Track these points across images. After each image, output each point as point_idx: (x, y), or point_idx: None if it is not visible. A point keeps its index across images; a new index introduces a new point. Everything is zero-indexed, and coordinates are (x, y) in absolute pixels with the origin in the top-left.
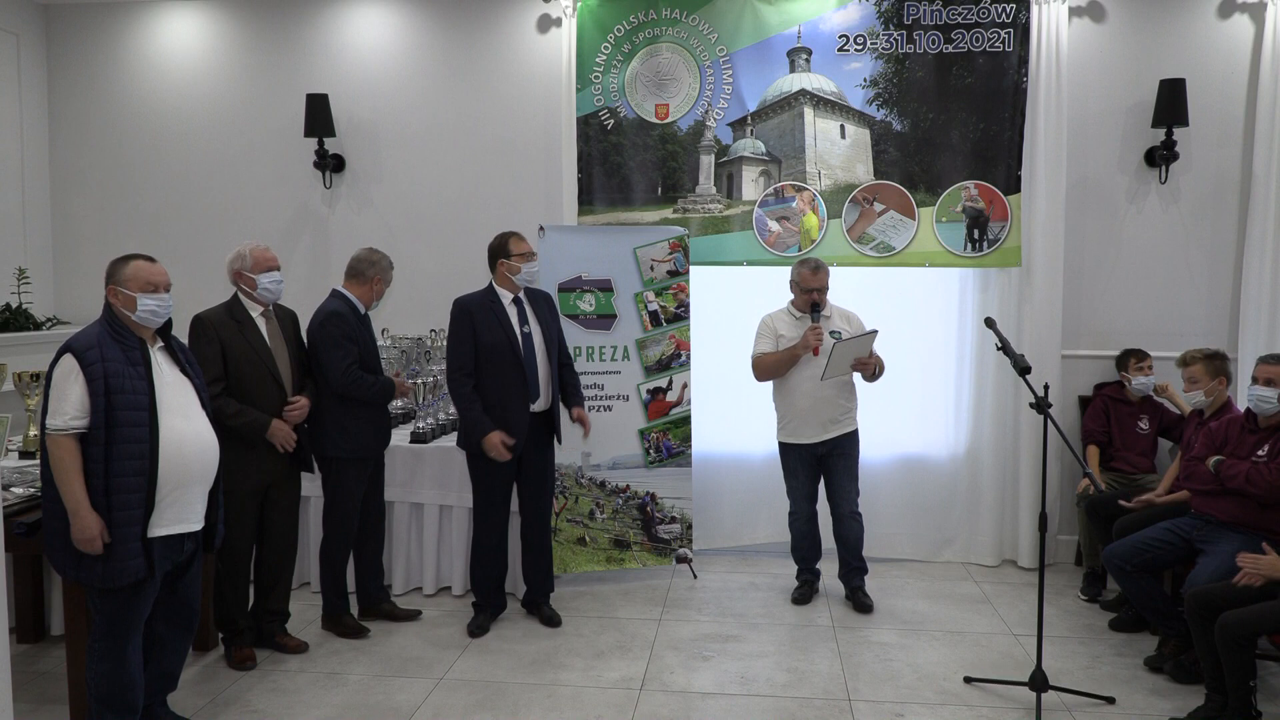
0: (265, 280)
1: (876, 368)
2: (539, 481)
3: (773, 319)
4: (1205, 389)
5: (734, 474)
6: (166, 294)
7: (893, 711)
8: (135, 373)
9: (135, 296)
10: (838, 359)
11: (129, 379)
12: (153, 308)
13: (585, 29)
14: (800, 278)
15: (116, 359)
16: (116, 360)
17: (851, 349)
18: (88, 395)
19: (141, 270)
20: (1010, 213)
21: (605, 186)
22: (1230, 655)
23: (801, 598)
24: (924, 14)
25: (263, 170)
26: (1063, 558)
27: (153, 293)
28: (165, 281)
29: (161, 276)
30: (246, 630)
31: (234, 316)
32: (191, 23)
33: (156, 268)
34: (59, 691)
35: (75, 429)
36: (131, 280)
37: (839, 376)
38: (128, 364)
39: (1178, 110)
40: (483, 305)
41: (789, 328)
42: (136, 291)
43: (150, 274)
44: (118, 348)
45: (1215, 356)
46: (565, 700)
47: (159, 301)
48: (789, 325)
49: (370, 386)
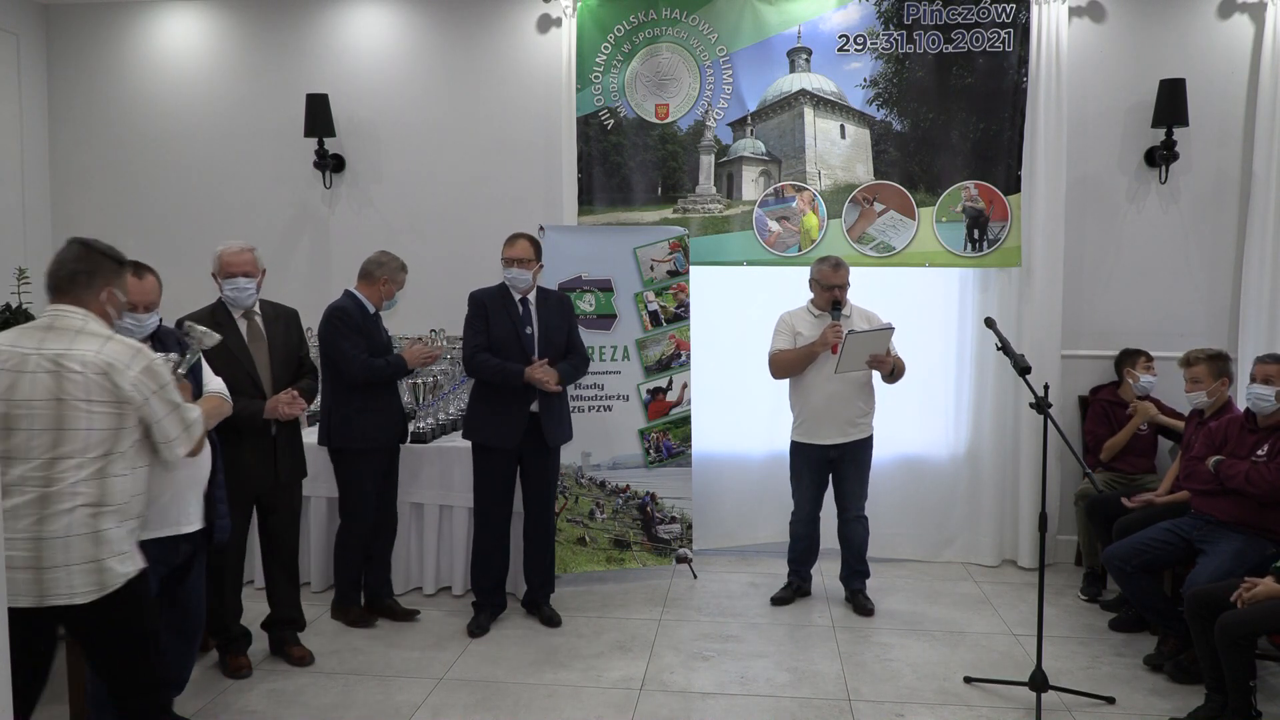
0: (228, 288)
1: (895, 368)
2: (541, 480)
3: (791, 316)
4: (1208, 389)
5: (734, 474)
6: (146, 314)
7: (893, 711)
8: None
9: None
10: (851, 352)
11: None
12: (128, 327)
13: (585, 29)
14: (820, 275)
15: None
16: None
17: (866, 343)
18: None
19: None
20: (1010, 213)
21: (605, 186)
22: (1230, 655)
23: (782, 599)
24: (924, 14)
25: (263, 170)
26: (1063, 558)
27: (131, 312)
28: (148, 300)
29: (144, 295)
30: (241, 638)
31: (216, 319)
32: (191, 23)
33: (145, 284)
34: (59, 691)
35: None
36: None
37: (853, 371)
38: None
39: (1178, 110)
40: (495, 300)
41: (808, 326)
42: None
43: (134, 293)
44: None
45: (1218, 357)
46: (565, 700)
47: (135, 321)
48: (808, 324)
49: (383, 369)
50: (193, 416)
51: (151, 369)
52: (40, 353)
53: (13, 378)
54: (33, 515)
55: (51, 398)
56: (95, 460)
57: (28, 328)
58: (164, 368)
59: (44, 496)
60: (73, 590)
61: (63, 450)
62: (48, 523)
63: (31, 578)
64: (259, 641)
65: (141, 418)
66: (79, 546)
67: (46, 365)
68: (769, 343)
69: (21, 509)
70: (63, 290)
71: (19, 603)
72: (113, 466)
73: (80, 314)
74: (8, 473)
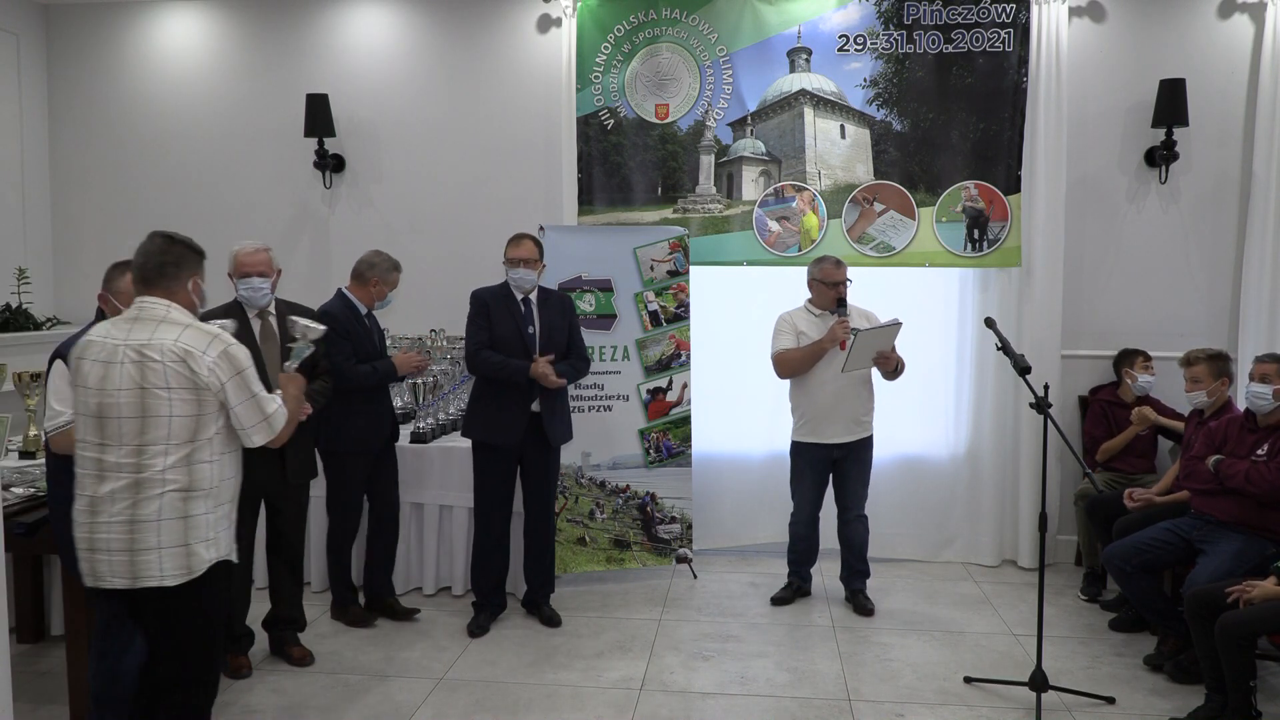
0: (243, 287)
1: (898, 364)
2: (541, 480)
3: (791, 316)
4: (1208, 389)
5: (734, 474)
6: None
7: (893, 711)
8: None
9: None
10: (859, 349)
11: None
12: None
13: (585, 29)
14: (823, 273)
15: None
16: None
17: (874, 339)
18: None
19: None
20: (1010, 213)
21: (605, 186)
22: (1230, 655)
23: (782, 599)
24: (924, 14)
25: (263, 170)
26: (1063, 558)
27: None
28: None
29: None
30: (242, 638)
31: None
32: (191, 23)
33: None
34: (59, 691)
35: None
36: (124, 294)
37: (860, 369)
38: None
39: (1178, 110)
40: (497, 298)
41: (809, 325)
42: (125, 305)
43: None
44: None
45: (1218, 357)
46: (565, 700)
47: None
48: (809, 323)
49: (368, 376)
50: (272, 407)
51: (229, 354)
52: (127, 343)
53: (104, 369)
54: (127, 500)
55: (135, 386)
56: (181, 446)
57: (119, 320)
58: (243, 354)
59: (136, 482)
60: (163, 573)
61: (148, 437)
62: (140, 507)
63: (126, 560)
64: (259, 641)
65: (221, 404)
66: (170, 530)
67: (132, 355)
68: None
69: (117, 494)
70: (152, 282)
71: (115, 584)
72: (199, 453)
73: (164, 304)
74: (104, 460)
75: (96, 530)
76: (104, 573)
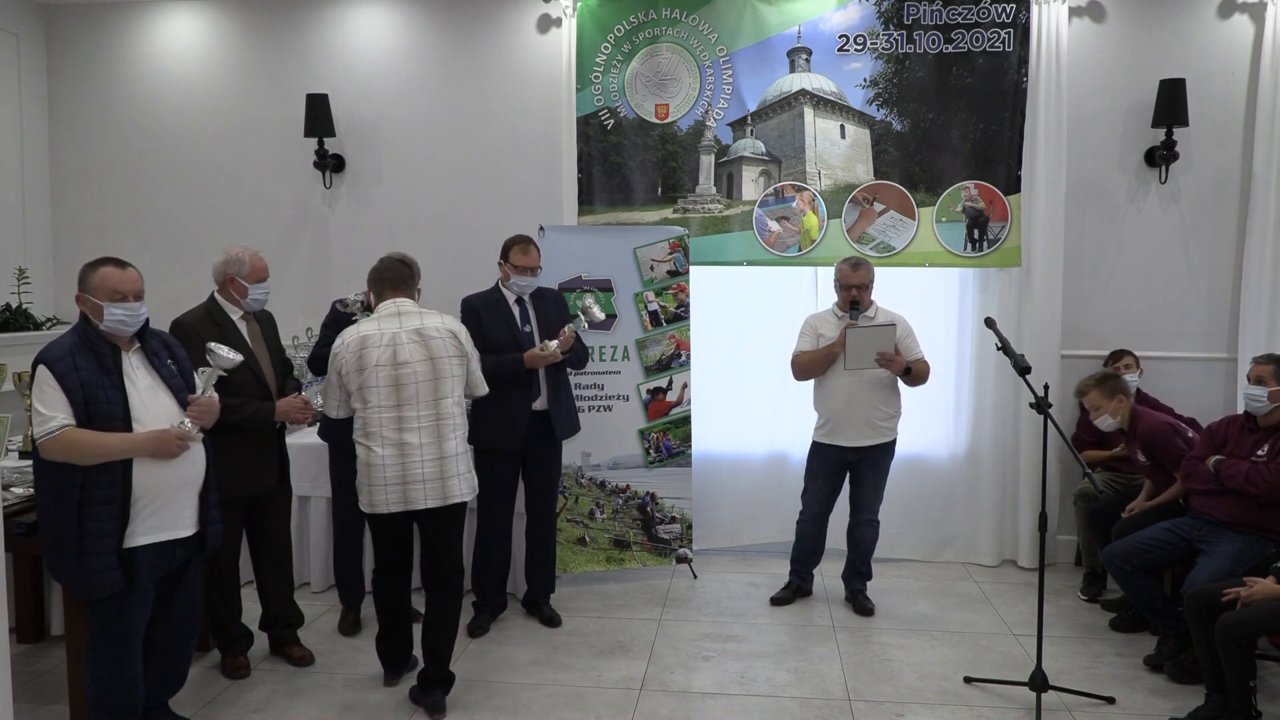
0: (257, 291)
1: (914, 370)
2: (543, 479)
3: (816, 319)
4: (1110, 411)
5: (734, 474)
6: (136, 302)
7: (893, 711)
8: (109, 381)
9: (102, 305)
10: (855, 348)
11: (102, 388)
12: (121, 317)
13: (585, 29)
14: (839, 275)
15: (90, 368)
16: (90, 369)
17: (868, 338)
18: (69, 403)
19: (109, 278)
20: (1010, 213)
21: (605, 186)
22: (1230, 655)
23: (782, 599)
24: (924, 14)
25: (263, 170)
26: (1063, 558)
27: (120, 301)
28: (135, 289)
29: (130, 284)
30: (241, 638)
31: (214, 319)
32: (191, 23)
33: (127, 274)
34: (59, 691)
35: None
36: (99, 289)
37: (863, 369)
38: (101, 373)
39: (1178, 110)
40: (488, 304)
41: (831, 328)
42: (104, 300)
43: (118, 281)
44: (91, 356)
45: (1106, 379)
46: (565, 700)
47: (127, 311)
48: (831, 325)
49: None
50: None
51: (467, 333)
52: (404, 330)
53: (393, 350)
54: (433, 441)
55: (426, 358)
56: (459, 397)
57: (382, 317)
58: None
59: (438, 427)
60: (463, 492)
61: (442, 392)
62: (444, 444)
63: (438, 486)
64: (259, 642)
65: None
66: (464, 460)
67: (414, 337)
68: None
69: (425, 438)
70: (398, 287)
71: (428, 504)
72: (461, 402)
73: (411, 302)
74: (403, 415)
75: (409, 468)
76: (416, 498)
